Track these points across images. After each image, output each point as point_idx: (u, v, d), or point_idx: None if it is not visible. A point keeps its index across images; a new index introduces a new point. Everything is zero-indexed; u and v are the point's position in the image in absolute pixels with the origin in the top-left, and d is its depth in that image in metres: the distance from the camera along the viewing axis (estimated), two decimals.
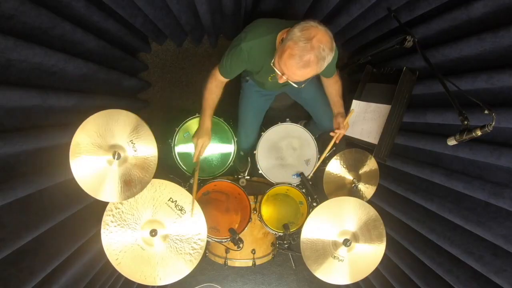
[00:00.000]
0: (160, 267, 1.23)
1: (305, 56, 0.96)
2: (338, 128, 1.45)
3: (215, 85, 1.34)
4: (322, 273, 1.35)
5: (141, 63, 1.96)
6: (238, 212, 1.62)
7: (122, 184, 1.19)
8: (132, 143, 1.19)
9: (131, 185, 1.20)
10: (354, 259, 1.36)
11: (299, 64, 0.97)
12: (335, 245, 1.38)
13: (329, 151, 1.56)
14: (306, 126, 1.81)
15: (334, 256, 1.36)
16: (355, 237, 1.38)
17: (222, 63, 1.27)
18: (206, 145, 1.42)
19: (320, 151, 1.65)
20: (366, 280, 1.95)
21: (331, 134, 1.48)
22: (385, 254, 1.37)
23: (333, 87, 1.47)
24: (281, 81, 1.09)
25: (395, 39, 1.28)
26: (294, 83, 1.08)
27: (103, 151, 1.16)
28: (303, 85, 1.10)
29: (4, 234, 0.92)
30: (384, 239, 1.37)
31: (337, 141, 1.50)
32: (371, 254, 1.37)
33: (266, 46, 1.15)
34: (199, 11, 1.48)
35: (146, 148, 1.21)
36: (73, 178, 1.13)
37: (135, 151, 1.20)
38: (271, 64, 1.08)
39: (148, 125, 1.21)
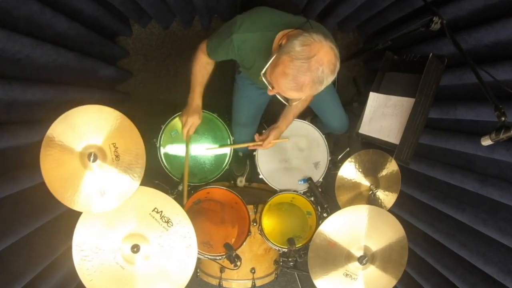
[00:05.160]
0: None
1: (300, 77, 0.96)
2: (263, 140, 1.50)
3: (206, 61, 1.36)
4: (323, 283, 1.36)
5: (121, 49, 1.96)
6: (235, 224, 1.62)
7: (99, 193, 1.19)
8: (114, 146, 1.20)
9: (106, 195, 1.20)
10: (364, 279, 1.38)
11: (291, 85, 0.98)
12: (349, 262, 1.38)
13: (233, 147, 1.61)
14: (313, 122, 1.81)
15: (346, 273, 1.37)
16: (373, 258, 1.38)
17: (210, 42, 1.28)
18: (197, 124, 1.44)
19: (332, 152, 1.65)
20: None
21: (256, 138, 1.53)
22: (407, 273, 1.38)
23: (299, 102, 1.45)
24: (270, 93, 1.09)
25: (420, 20, 1.28)
26: (284, 99, 1.09)
27: (79, 153, 1.16)
28: (293, 104, 1.10)
29: None
30: (400, 273, 1.39)
31: (249, 148, 1.56)
32: (379, 282, 1.39)
33: (261, 43, 1.15)
34: None
35: (131, 158, 1.22)
36: (41, 184, 1.13)
37: (116, 157, 1.20)
38: (261, 74, 1.07)
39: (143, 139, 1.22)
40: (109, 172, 1.20)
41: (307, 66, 0.94)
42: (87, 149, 1.17)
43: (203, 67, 1.36)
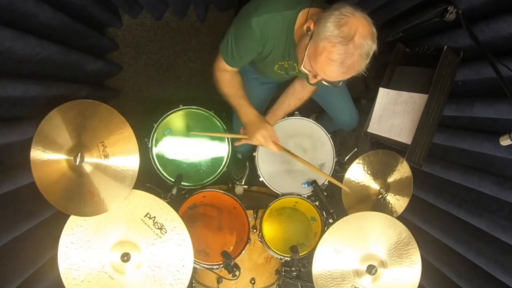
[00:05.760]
0: None
1: (348, 60, 0.97)
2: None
3: (230, 76, 1.32)
4: None
5: (110, 41, 1.96)
6: (233, 231, 1.62)
7: (86, 196, 1.19)
8: (103, 146, 1.20)
9: (94, 199, 1.20)
10: None
11: (340, 70, 1.00)
12: (357, 273, 1.38)
13: (213, 135, 1.59)
14: (318, 120, 1.81)
15: (353, 285, 1.36)
16: (383, 264, 1.38)
17: (225, 49, 1.23)
18: (271, 132, 1.34)
19: (338, 153, 1.65)
20: None
21: (241, 131, 1.49)
22: (421, 284, 1.38)
23: (298, 96, 1.46)
24: (312, 81, 1.11)
25: (434, 10, 1.28)
26: (329, 83, 1.09)
27: (66, 153, 1.17)
28: (340, 84, 1.11)
29: None
30: (418, 262, 1.38)
31: (237, 144, 1.53)
32: (403, 282, 1.37)
33: (282, 24, 1.13)
34: None
35: (123, 158, 1.22)
36: (24, 187, 1.13)
37: (105, 156, 1.20)
38: (301, 68, 1.08)
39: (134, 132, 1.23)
40: (99, 173, 1.20)
41: (353, 47, 0.95)
42: (73, 149, 1.17)
43: (230, 83, 1.33)
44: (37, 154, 1.12)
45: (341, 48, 0.95)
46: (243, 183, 1.90)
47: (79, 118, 1.17)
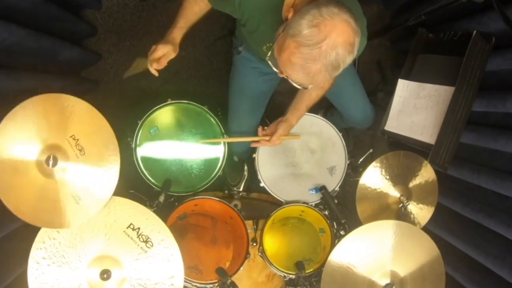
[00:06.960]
0: None
1: (310, 67, 0.98)
2: (270, 135, 1.50)
3: None
4: None
5: (88, 25, 1.96)
6: (230, 244, 1.63)
7: (62, 204, 1.19)
8: (74, 139, 1.20)
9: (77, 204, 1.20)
10: None
11: (300, 75, 1.01)
12: (371, 286, 1.38)
13: (233, 140, 1.62)
14: (327, 116, 1.81)
15: None
16: (403, 282, 1.38)
17: None
18: (167, 52, 1.37)
19: (351, 154, 1.65)
20: None
21: (259, 133, 1.53)
22: None
23: (313, 89, 1.46)
24: (280, 75, 1.13)
25: None
26: (296, 84, 1.10)
27: (34, 155, 1.16)
28: (310, 87, 1.13)
29: None
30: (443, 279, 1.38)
31: (252, 145, 1.58)
32: None
33: (270, 2, 1.16)
34: None
35: (100, 147, 1.22)
36: None
37: (80, 151, 1.20)
38: (266, 58, 1.10)
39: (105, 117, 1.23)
40: (78, 172, 1.21)
41: (317, 53, 0.95)
42: (42, 152, 1.17)
43: (194, 1, 1.35)
44: None
45: (303, 52, 0.96)
46: (241, 189, 1.90)
47: (36, 117, 1.17)
